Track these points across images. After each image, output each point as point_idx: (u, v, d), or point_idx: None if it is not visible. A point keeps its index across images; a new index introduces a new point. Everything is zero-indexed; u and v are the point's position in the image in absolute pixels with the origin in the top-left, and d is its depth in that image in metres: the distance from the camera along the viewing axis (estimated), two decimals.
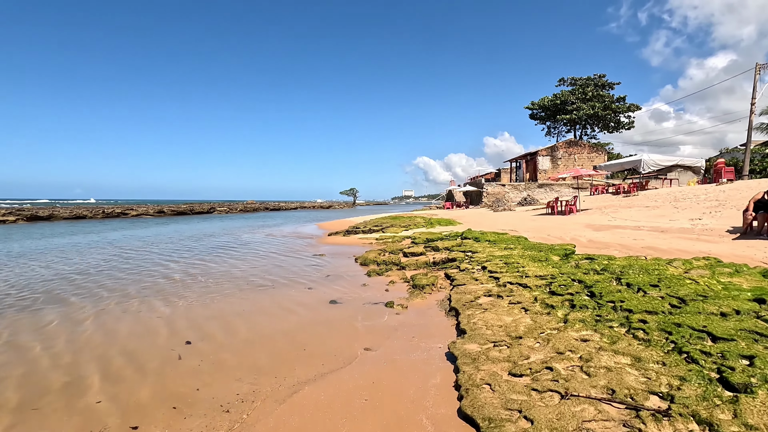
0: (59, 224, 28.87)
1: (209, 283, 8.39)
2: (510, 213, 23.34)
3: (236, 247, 15.00)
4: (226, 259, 11.84)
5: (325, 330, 5.17)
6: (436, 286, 7.19)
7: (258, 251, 13.52)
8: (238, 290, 7.60)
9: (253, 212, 56.57)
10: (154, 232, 23.16)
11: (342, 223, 25.02)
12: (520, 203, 27.40)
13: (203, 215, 45.24)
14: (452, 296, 5.94)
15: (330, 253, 12.50)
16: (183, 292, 7.55)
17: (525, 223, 16.85)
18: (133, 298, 7.19)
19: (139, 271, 9.97)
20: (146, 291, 7.75)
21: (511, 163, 45.79)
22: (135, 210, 39.16)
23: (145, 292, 7.61)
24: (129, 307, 6.55)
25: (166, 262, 11.40)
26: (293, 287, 7.81)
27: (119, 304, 6.69)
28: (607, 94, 48.21)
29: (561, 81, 53.77)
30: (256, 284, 8.11)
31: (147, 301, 6.97)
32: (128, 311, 6.35)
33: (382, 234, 15.86)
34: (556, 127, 56.69)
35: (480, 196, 37.86)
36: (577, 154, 37.49)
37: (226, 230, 23.98)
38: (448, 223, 19.22)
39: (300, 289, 7.58)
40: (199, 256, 12.59)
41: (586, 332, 3.88)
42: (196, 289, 7.87)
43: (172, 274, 9.47)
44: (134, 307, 6.52)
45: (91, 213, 34.72)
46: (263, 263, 10.83)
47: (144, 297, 7.24)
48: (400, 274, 8.49)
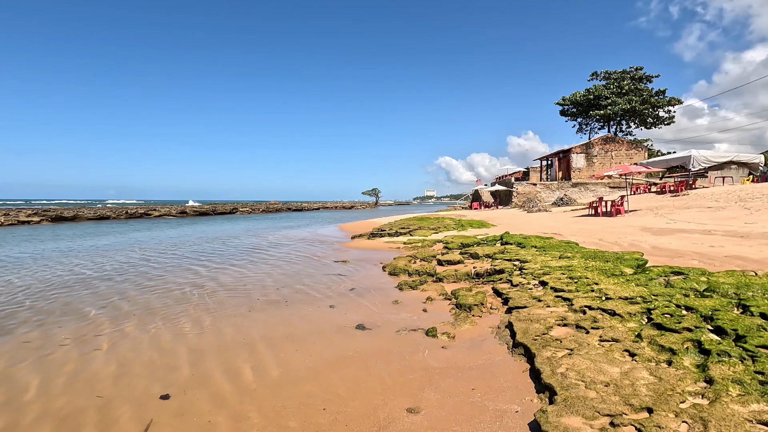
0: (84, 225, 28.84)
1: (207, 299, 7.31)
2: (546, 214, 21.63)
3: (253, 251, 14.00)
4: (239, 265, 10.80)
5: (351, 374, 3.92)
6: (486, 306, 5.85)
7: (276, 256, 12.46)
8: (247, 309, 6.45)
9: (275, 212, 56.23)
10: (177, 233, 22.57)
11: (365, 225, 23.85)
12: (556, 203, 25.57)
13: (226, 216, 45.00)
14: (514, 324, 4.60)
15: (354, 259, 11.29)
16: (191, 310, 6.47)
17: (567, 225, 15.23)
18: (156, 314, 6.23)
19: (164, 278, 9.04)
20: (169, 303, 6.85)
21: (541, 162, 43.63)
22: (158, 210, 39.15)
23: (168, 307, 6.62)
24: (150, 327, 5.58)
25: (193, 266, 10.45)
26: (312, 303, 6.61)
27: (139, 325, 5.68)
28: (645, 88, 45.33)
29: (594, 75, 51.08)
30: (269, 300, 6.95)
31: (170, 318, 5.99)
32: (148, 332, 5.37)
33: (410, 237, 14.56)
34: (588, 124, 53.97)
35: (509, 195, 36.02)
36: (614, 151, 35.15)
37: (248, 231, 23.19)
38: (481, 225, 17.75)
39: (320, 307, 6.37)
40: (215, 261, 11.61)
41: (757, 406, 2.49)
42: (197, 303, 6.79)
43: (190, 283, 8.46)
44: (154, 329, 5.49)
45: (114, 214, 34.77)
46: (280, 271, 9.72)
47: (167, 314, 6.26)
48: (437, 287, 7.18)
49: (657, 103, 44.41)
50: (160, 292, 7.71)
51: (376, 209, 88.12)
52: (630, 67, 48.12)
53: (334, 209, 79.57)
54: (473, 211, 32.38)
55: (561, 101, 50.62)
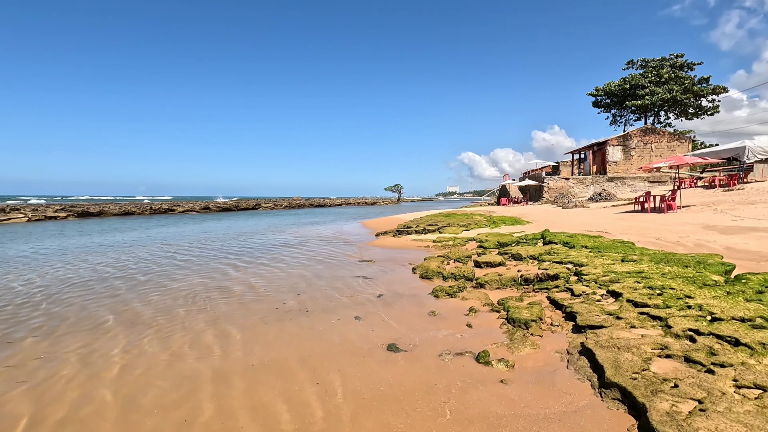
0: (109, 220, 29.02)
1: (217, 306, 6.49)
2: (583, 210, 20.11)
3: (272, 249, 13.24)
4: (257, 266, 10.03)
5: (386, 422, 2.95)
6: (545, 323, 4.78)
7: (296, 255, 11.64)
8: (262, 320, 5.58)
9: (297, 208, 55.98)
10: (200, 229, 22.21)
11: (390, 221, 22.88)
12: (593, 199, 23.92)
13: (249, 212, 44.92)
14: (595, 352, 3.52)
15: (380, 258, 10.34)
16: (206, 318, 5.67)
17: (613, 222, 13.83)
18: (177, 323, 5.47)
19: (188, 280, 8.36)
20: (191, 309, 6.10)
21: (572, 156, 41.53)
22: (182, 206, 39.29)
23: (190, 314, 5.87)
24: (170, 341, 4.80)
25: (215, 266, 9.77)
26: (335, 313, 5.69)
27: (159, 339, 4.88)
28: (686, 76, 42.41)
29: (629, 63, 48.31)
30: (287, 308, 6.05)
31: (191, 328, 5.23)
32: (168, 348, 4.59)
33: (440, 235, 13.49)
34: (623, 115, 51.22)
35: (539, 191, 34.33)
36: (654, 143, 32.87)
37: (269, 228, 22.60)
38: (514, 221, 16.49)
39: (344, 319, 5.43)
40: (234, 261, 10.89)
41: None
42: (209, 309, 5.98)
43: (206, 286, 7.71)
44: (175, 344, 4.70)
45: (139, 209, 35.00)
46: (300, 273, 8.86)
47: (189, 322, 5.51)
48: (479, 295, 6.13)
49: (700, 91, 41.49)
50: (181, 297, 6.97)
51: (399, 205, 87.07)
52: (669, 54, 45.23)
53: (357, 205, 78.97)
54: (502, 207, 30.91)
55: (594, 92, 48.12)
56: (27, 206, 33.40)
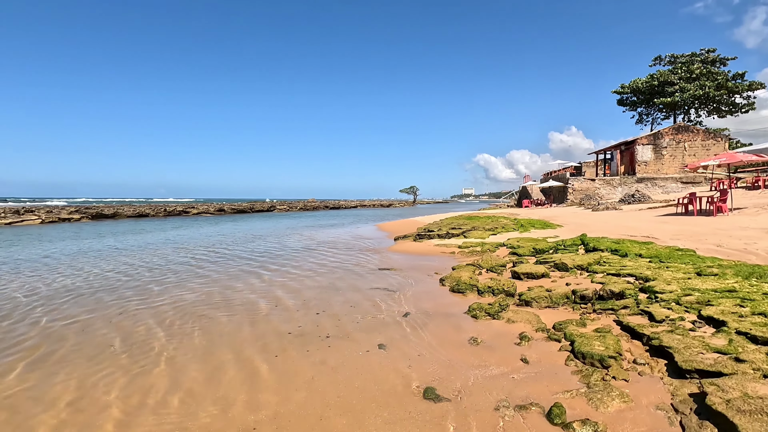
0: (123, 222, 28.73)
1: (223, 326, 5.58)
2: (617, 213, 18.72)
3: (284, 254, 12.37)
4: (268, 273, 9.14)
5: None
6: (626, 360, 3.69)
7: (309, 261, 10.72)
8: (272, 350, 4.61)
9: (312, 210, 55.40)
10: (212, 232, 21.58)
11: (407, 224, 21.83)
12: (624, 200, 22.42)
13: (263, 213, 44.44)
14: (738, 424, 2.44)
15: (401, 266, 9.33)
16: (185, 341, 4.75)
17: (656, 226, 12.52)
18: (186, 353, 4.52)
19: (202, 291, 7.53)
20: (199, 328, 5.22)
21: (596, 156, 39.75)
22: (196, 208, 38.98)
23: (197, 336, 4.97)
24: (181, 382, 3.83)
25: (230, 275, 8.92)
26: (353, 339, 4.69)
27: (170, 379, 3.83)
28: (719, 71, 40.21)
29: (657, 59, 46.27)
30: (300, 332, 5.07)
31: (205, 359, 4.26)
32: (180, 387, 3.67)
33: (466, 240, 12.39)
34: (650, 114, 49.08)
35: (564, 192, 32.81)
36: (687, 141, 31.02)
37: (283, 231, 21.83)
38: (544, 225, 15.27)
39: (364, 347, 4.42)
40: (245, 267, 10.03)
41: None
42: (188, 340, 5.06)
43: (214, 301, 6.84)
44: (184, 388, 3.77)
45: (153, 211, 34.71)
46: (313, 284, 7.91)
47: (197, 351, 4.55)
48: (528, 316, 5.06)
49: (735, 88, 39.28)
50: (190, 314, 6.08)
51: (415, 207, 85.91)
52: (700, 49, 43.13)
53: (372, 207, 78.12)
54: (525, 210, 29.54)
55: (620, 89, 46.18)
56: (42, 208, 33.47)
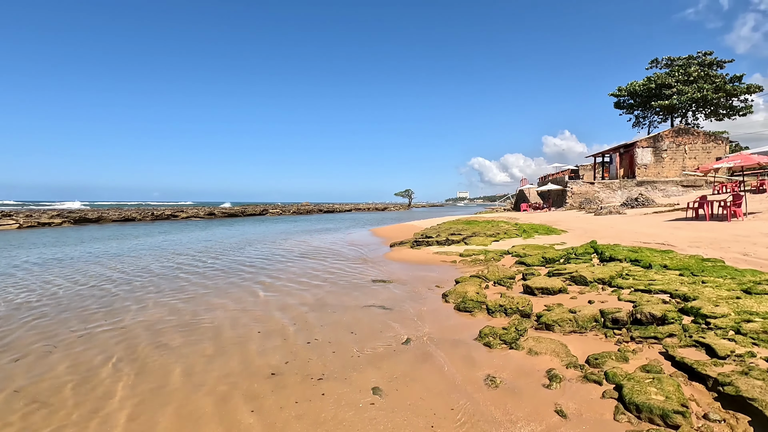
0: (108, 227, 27.60)
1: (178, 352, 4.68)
2: (622, 217, 17.98)
3: (268, 265, 11.45)
4: (248, 287, 8.23)
5: None
6: (694, 413, 2.84)
7: (295, 273, 9.83)
8: (239, 395, 3.71)
9: (306, 214, 54.36)
10: (204, 237, 20.57)
11: (404, 229, 20.97)
12: (627, 204, 21.72)
13: (255, 217, 43.37)
14: None
15: (399, 277, 8.45)
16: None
17: (670, 232, 11.75)
18: (127, 406, 3.58)
19: (173, 308, 6.57)
20: (158, 363, 4.23)
21: (594, 159, 39.16)
22: (185, 212, 37.77)
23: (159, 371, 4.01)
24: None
25: (208, 289, 7.98)
26: (344, 381, 3.78)
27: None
28: (717, 74, 39.88)
29: (654, 62, 45.90)
30: (284, 370, 4.17)
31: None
32: None
33: (467, 247, 11.54)
34: (646, 117, 48.76)
35: (562, 196, 32.14)
36: (687, 144, 30.49)
37: (275, 236, 20.88)
38: (548, 230, 14.48)
39: (365, 396, 3.51)
40: (225, 279, 9.11)
41: None
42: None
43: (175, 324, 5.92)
44: None
45: (140, 215, 33.43)
46: (298, 301, 7.01)
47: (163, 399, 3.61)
48: (553, 345, 4.20)
49: (733, 90, 38.95)
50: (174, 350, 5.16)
51: (410, 211, 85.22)
52: (697, 52, 42.79)
53: (367, 210, 77.24)
54: (523, 213, 28.80)
55: (616, 92, 45.78)
56: (21, 212, 32.15)
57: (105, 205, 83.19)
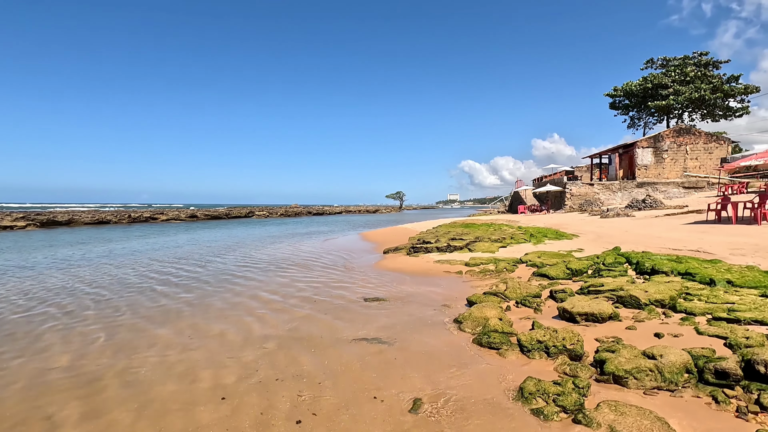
0: (79, 231, 25.62)
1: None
2: (631, 220, 16.71)
3: (244, 277, 9.88)
4: (189, 313, 6.66)
5: None
6: None
7: (271, 289, 8.28)
8: None
9: (295, 217, 52.57)
10: (172, 242, 18.82)
11: (397, 233, 19.46)
12: (633, 206, 20.51)
13: (241, 220, 41.49)
14: None
15: (395, 294, 6.93)
16: None
17: (696, 237, 10.42)
18: None
19: (91, 343, 4.96)
20: None
21: (591, 160, 38.14)
22: (165, 214, 35.71)
23: None
24: None
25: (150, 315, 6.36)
26: None
27: None
28: (714, 74, 39.23)
29: (649, 62, 45.21)
30: None
31: None
32: None
33: (472, 255, 10.06)
34: (641, 118, 48.08)
35: (560, 198, 30.97)
36: (689, 144, 29.54)
37: (257, 240, 19.24)
38: (557, 235, 13.12)
39: None
40: (183, 297, 7.52)
41: None
42: None
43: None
44: None
45: (116, 218, 31.28)
46: (268, 331, 5.45)
47: None
48: (645, 421, 2.71)
49: (731, 91, 38.29)
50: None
51: (402, 213, 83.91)
52: (693, 52, 42.17)
53: (358, 213, 75.66)
54: (524, 216, 27.51)
55: (612, 92, 44.98)
56: None
57: (87, 207, 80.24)
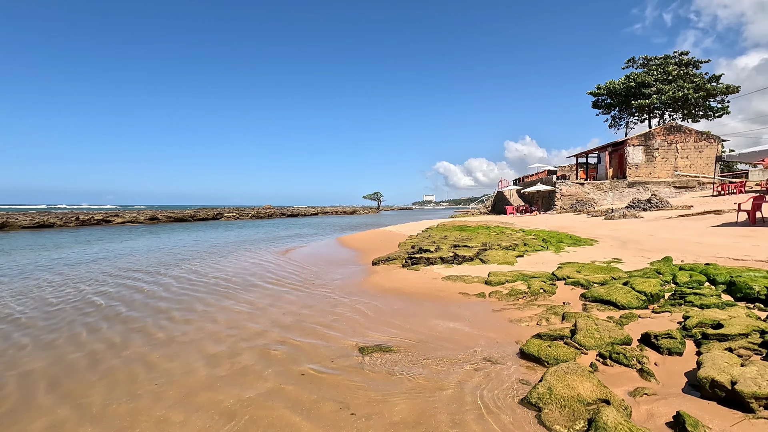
0: (14, 236, 22.10)
1: None
2: (644, 223, 15.03)
3: (177, 308, 7.40)
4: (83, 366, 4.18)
5: None
6: None
7: (209, 333, 5.86)
8: None
9: (267, 218, 49.45)
10: (115, 251, 15.90)
11: (383, 238, 17.14)
12: (635, 206, 18.97)
13: (207, 222, 38.18)
14: None
15: (404, 337, 4.64)
16: None
17: (749, 244, 8.62)
18: None
19: None
20: None
21: (576, 159, 37.00)
22: (120, 216, 32.08)
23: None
24: None
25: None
26: None
27: None
28: (696, 74, 38.90)
29: (630, 62, 44.74)
30: None
31: None
32: None
33: (490, 268, 7.85)
34: (622, 117, 47.65)
35: (550, 198, 29.48)
36: (680, 143, 28.58)
37: (218, 248, 16.56)
38: (575, 240, 11.16)
39: None
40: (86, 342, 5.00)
41: None
42: None
43: None
44: None
45: (61, 221, 27.46)
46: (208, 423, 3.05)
47: None
48: None
49: (712, 90, 37.98)
50: None
51: (379, 214, 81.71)
52: (673, 51, 41.93)
53: (335, 214, 72.91)
54: (516, 218, 25.71)
55: (595, 90, 44.16)
56: None
57: (36, 209, 73.94)
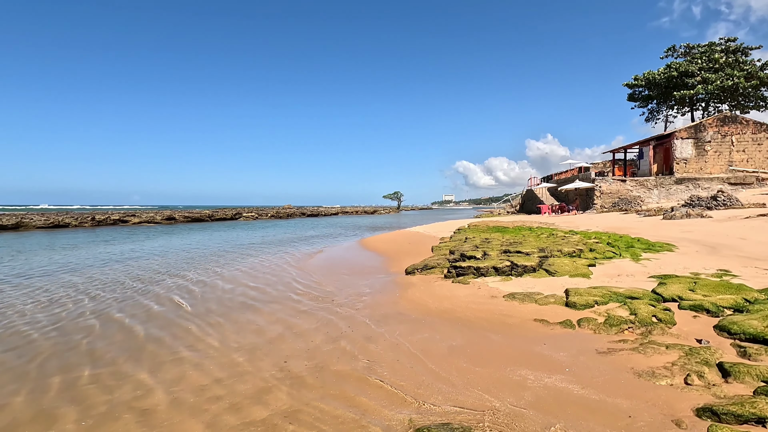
0: (29, 236, 21.46)
1: None
2: (716, 223, 12.90)
3: (163, 337, 5.91)
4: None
5: None
6: None
7: (191, 388, 4.28)
8: None
9: (286, 219, 48.42)
10: (119, 252, 14.76)
11: (410, 240, 15.47)
12: (696, 204, 16.71)
13: (226, 222, 37.31)
14: None
15: (480, 407, 2.98)
16: None
17: None
18: None
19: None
20: None
21: (614, 154, 34.43)
22: (137, 217, 31.43)
23: None
24: None
25: None
26: None
27: None
28: (747, 61, 35.77)
29: (670, 50, 41.66)
30: None
31: None
32: None
33: (566, 283, 6.10)
34: (660, 110, 44.52)
35: (589, 196, 27.22)
36: (735, 135, 25.89)
37: (229, 252, 15.25)
38: (647, 245, 9.27)
39: None
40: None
41: None
42: None
43: None
44: None
45: (76, 221, 26.94)
46: None
47: None
48: None
49: (766, 79, 34.77)
50: None
51: (400, 214, 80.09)
52: (719, 38, 38.69)
53: (355, 214, 71.63)
54: (553, 217, 23.63)
55: (632, 81, 41.28)
56: None
57: (73, 209, 75.47)
